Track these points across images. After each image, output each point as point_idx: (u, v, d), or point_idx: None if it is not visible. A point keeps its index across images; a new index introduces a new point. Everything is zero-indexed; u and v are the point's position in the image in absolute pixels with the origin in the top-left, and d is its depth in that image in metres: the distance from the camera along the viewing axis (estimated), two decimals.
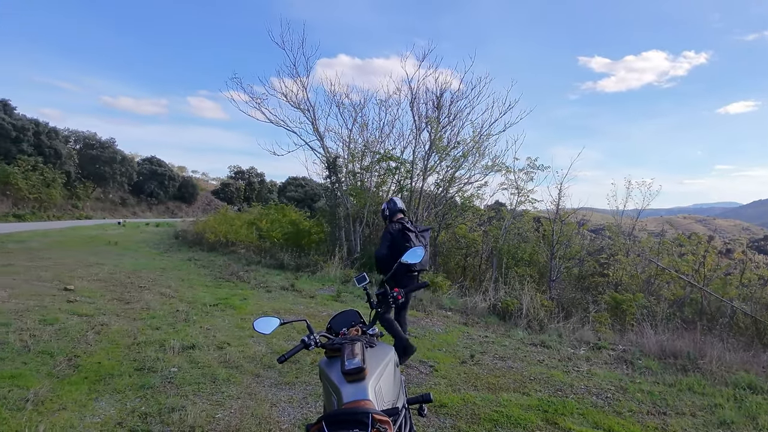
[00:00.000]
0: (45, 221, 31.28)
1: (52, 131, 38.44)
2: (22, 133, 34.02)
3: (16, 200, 32.23)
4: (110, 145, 48.06)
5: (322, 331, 2.30)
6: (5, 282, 7.86)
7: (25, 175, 32.32)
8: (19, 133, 33.77)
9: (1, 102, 34.57)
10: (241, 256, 14.96)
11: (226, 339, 5.51)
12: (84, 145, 46.68)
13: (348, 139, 16.41)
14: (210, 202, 70.17)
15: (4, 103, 34.81)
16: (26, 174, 32.47)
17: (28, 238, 16.61)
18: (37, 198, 33.92)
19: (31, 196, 33.03)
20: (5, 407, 3.36)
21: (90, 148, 46.36)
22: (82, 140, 47.19)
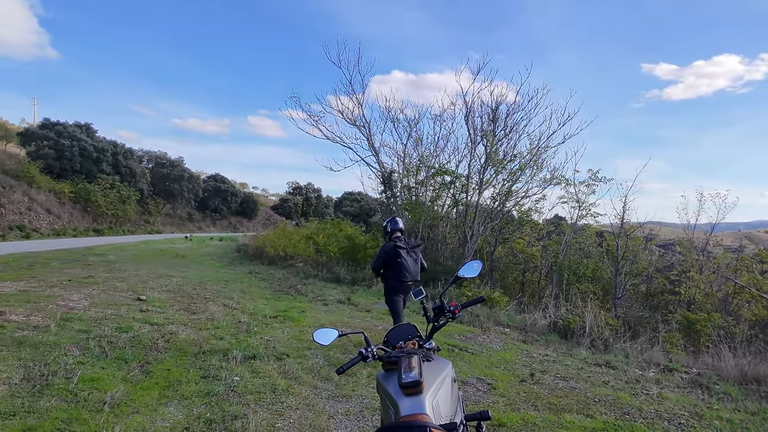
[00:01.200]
0: (121, 235, 33.55)
1: (128, 152, 41.36)
2: (102, 154, 36.82)
3: (96, 216, 34.80)
4: (179, 164, 51.01)
5: (379, 344, 2.32)
6: (87, 292, 8.48)
7: (104, 192, 34.88)
8: (99, 154, 36.57)
9: (84, 126, 37.68)
10: (299, 269, 15.32)
11: (285, 350, 5.65)
12: (156, 164, 49.86)
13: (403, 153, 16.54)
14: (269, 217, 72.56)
15: (87, 127, 37.90)
16: (105, 192, 35.03)
17: (107, 252, 17.84)
18: (114, 214, 36.46)
19: (109, 212, 35.55)
20: (85, 408, 3.61)
21: (161, 166, 49.43)
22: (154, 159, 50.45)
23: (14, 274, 10.15)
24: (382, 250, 5.75)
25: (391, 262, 5.66)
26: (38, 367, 4.36)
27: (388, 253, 5.68)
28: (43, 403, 3.61)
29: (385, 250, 5.73)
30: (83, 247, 19.37)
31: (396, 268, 5.69)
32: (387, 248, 5.71)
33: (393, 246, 5.68)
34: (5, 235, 22.46)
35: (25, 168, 29.47)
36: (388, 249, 5.69)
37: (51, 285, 8.94)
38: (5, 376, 4.08)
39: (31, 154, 32.62)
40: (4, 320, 5.92)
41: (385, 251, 5.70)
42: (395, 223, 5.94)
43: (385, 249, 5.72)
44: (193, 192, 53.06)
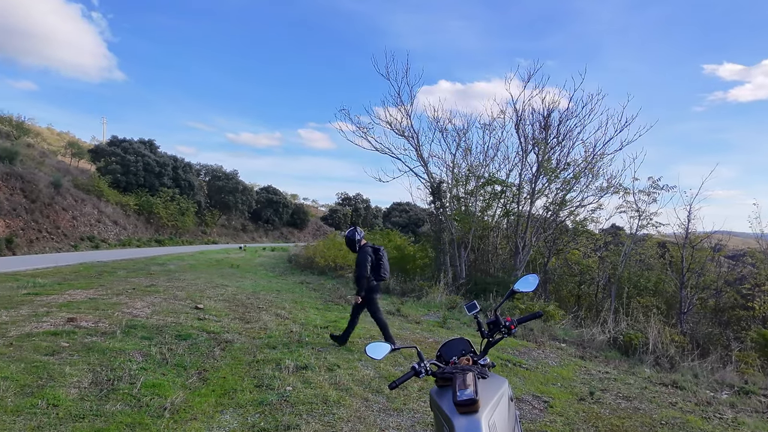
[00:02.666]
0: (180, 246, 35.11)
1: (187, 165, 43.41)
2: (163, 168, 38.82)
3: (158, 227, 36.64)
4: (234, 176, 52.95)
5: (432, 359, 2.27)
6: (149, 300, 8.89)
7: (165, 205, 36.73)
8: (161, 168, 38.58)
9: (148, 142, 39.94)
10: (348, 280, 15.44)
11: (336, 361, 5.68)
12: (212, 176, 51.99)
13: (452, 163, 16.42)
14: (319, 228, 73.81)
15: (150, 143, 40.16)
16: (166, 204, 36.88)
17: (167, 261, 18.70)
18: (174, 225, 38.27)
19: (169, 223, 37.37)
20: (147, 414, 3.75)
21: (217, 179, 51.48)
22: (210, 172, 52.64)
23: (85, 283, 10.80)
24: (365, 256, 6.10)
25: (373, 264, 6.15)
26: (105, 372, 4.59)
27: (371, 256, 6.12)
28: (109, 407, 3.79)
29: (367, 254, 6.12)
30: (146, 257, 20.40)
31: (378, 268, 6.21)
32: (368, 253, 6.13)
33: (371, 249, 6.19)
34: (77, 245, 24.01)
35: (96, 182, 31.54)
36: (370, 253, 6.14)
37: (117, 293, 9.45)
38: (76, 380, 4.31)
39: (100, 169, 34.91)
40: (75, 326, 6.29)
41: (368, 255, 6.11)
42: (361, 233, 6.40)
43: (367, 253, 6.13)
44: (247, 203, 54.85)
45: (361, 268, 6.07)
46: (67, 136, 50.20)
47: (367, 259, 6.09)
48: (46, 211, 23.65)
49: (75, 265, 14.85)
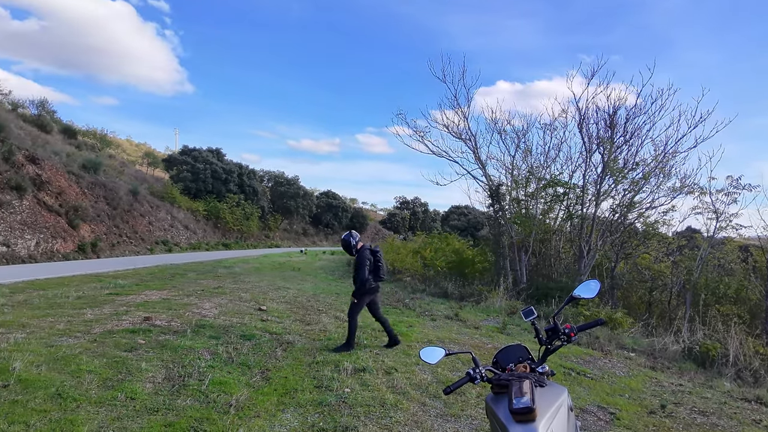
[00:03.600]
0: (245, 249, 36.61)
1: (251, 172, 45.24)
2: (229, 175, 40.69)
3: (225, 231, 38.42)
4: (295, 182, 54.57)
5: (488, 365, 2.24)
6: (217, 302, 9.34)
7: (231, 210, 38.46)
8: (227, 175, 40.46)
9: (215, 150, 42.02)
10: (406, 283, 15.47)
11: (394, 365, 5.71)
12: (275, 182, 53.85)
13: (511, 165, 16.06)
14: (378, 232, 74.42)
15: (218, 151, 42.22)
16: (232, 209, 38.61)
17: (233, 264, 19.56)
18: (240, 229, 39.98)
19: (235, 227, 39.08)
20: (214, 409, 3.95)
21: (279, 185, 53.26)
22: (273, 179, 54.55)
23: (159, 284, 11.52)
24: (363, 259, 6.14)
25: (372, 265, 6.22)
26: (177, 368, 4.88)
27: (369, 258, 6.18)
28: (180, 402, 4.02)
29: (365, 257, 6.16)
30: (214, 260, 21.44)
31: (377, 270, 6.29)
32: (366, 255, 6.18)
33: (369, 251, 6.26)
34: (153, 248, 25.64)
35: (169, 190, 33.58)
36: (368, 255, 6.19)
37: (188, 294, 10.00)
38: (151, 375, 4.61)
39: (173, 177, 37.13)
40: (150, 325, 6.73)
41: (367, 258, 6.16)
42: (357, 236, 6.46)
43: (366, 256, 6.17)
44: (308, 208, 56.33)
45: (361, 270, 6.13)
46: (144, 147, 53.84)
47: (365, 261, 6.14)
48: (125, 217, 25.44)
49: (151, 268, 15.87)
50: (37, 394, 3.87)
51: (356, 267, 6.24)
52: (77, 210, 20.84)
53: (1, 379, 4.13)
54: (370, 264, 6.17)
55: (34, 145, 22.34)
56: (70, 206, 20.62)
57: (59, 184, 21.19)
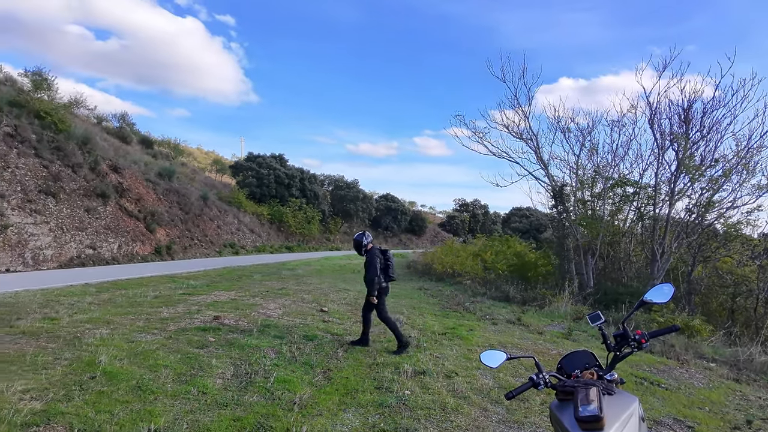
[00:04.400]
0: (307, 252, 37.58)
1: (312, 177, 46.42)
2: (291, 180, 41.97)
3: (288, 234, 39.65)
4: (354, 186, 55.38)
5: (552, 371, 2.17)
6: (281, 302, 9.66)
7: (293, 214, 39.64)
8: (290, 180, 41.75)
9: (278, 156, 43.53)
10: (466, 287, 15.27)
11: (454, 368, 5.65)
12: (335, 186, 54.91)
13: (575, 165, 15.47)
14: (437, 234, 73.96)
15: (280, 157, 43.70)
16: (294, 213, 39.78)
17: (296, 267, 20.14)
18: (302, 232, 41.09)
19: (297, 231, 40.22)
20: (279, 406, 4.08)
21: (339, 188, 54.25)
22: (333, 182, 55.66)
23: (227, 285, 12.07)
24: (373, 259, 6.22)
25: (382, 265, 6.30)
26: (244, 366, 5.09)
27: (379, 257, 6.27)
28: (248, 398, 4.19)
29: (375, 256, 6.26)
30: (278, 262, 22.18)
31: (386, 269, 6.38)
32: (376, 255, 6.28)
33: (379, 251, 6.38)
34: (221, 251, 26.91)
35: (235, 195, 35.14)
36: (378, 255, 6.30)
37: (254, 295, 10.41)
38: (220, 372, 4.84)
39: (239, 183, 38.81)
40: (220, 324, 7.07)
41: (377, 257, 6.25)
42: (369, 236, 6.53)
43: (376, 255, 6.27)
44: (367, 211, 56.96)
45: (372, 269, 6.19)
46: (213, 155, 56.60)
47: (376, 261, 6.20)
48: (196, 221, 26.89)
49: (219, 269, 16.66)
50: (120, 386, 4.17)
51: (368, 267, 6.30)
52: (154, 215, 22.28)
53: (90, 371, 4.49)
54: (381, 263, 6.26)
55: (116, 155, 24.12)
56: (147, 211, 22.08)
57: (138, 191, 22.75)
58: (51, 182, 17.10)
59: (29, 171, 16.48)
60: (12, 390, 3.88)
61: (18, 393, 3.84)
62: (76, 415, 3.51)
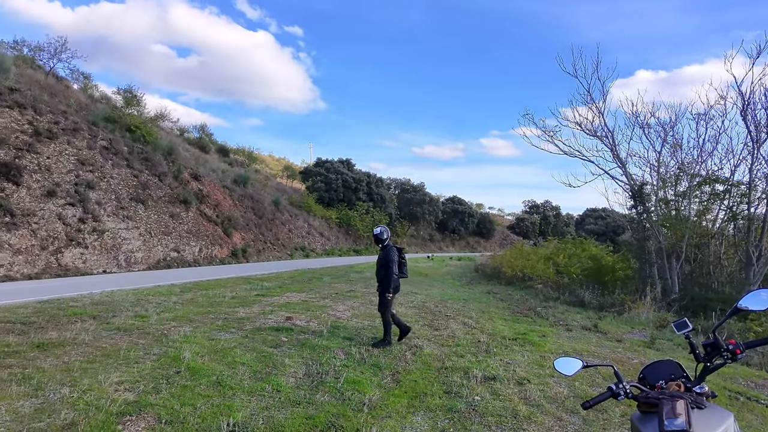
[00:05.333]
0: (374, 255, 37.95)
1: (378, 180, 46.96)
2: (359, 184, 42.70)
3: (355, 238, 40.35)
4: (421, 189, 55.35)
5: (633, 381, 2.04)
6: (350, 304, 9.84)
7: (360, 217, 40.30)
8: (357, 184, 42.50)
9: (345, 161, 44.45)
10: (538, 291, 14.76)
11: (526, 375, 5.47)
12: (401, 189, 55.19)
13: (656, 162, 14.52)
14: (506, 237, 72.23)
15: (348, 161, 44.61)
16: (361, 216, 40.43)
17: (364, 269, 20.43)
18: (369, 236, 41.62)
19: (364, 234, 40.81)
20: (349, 407, 4.15)
21: (405, 192, 54.45)
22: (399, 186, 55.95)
23: (298, 287, 12.47)
24: (391, 257, 6.29)
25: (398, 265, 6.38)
26: (315, 365, 5.23)
27: (394, 255, 6.34)
28: (319, 397, 4.30)
29: (393, 254, 6.34)
30: (346, 265, 22.62)
31: (401, 267, 6.48)
32: (393, 253, 6.35)
33: (395, 249, 6.44)
34: (292, 254, 27.89)
35: (305, 200, 36.30)
36: (394, 253, 6.37)
37: (324, 297, 10.68)
38: (293, 371, 5.01)
39: (308, 188, 40.05)
40: (292, 324, 7.32)
41: (393, 255, 6.32)
42: (388, 231, 6.62)
43: (393, 253, 6.34)
44: (433, 214, 56.71)
45: (389, 266, 6.24)
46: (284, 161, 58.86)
47: (393, 258, 6.28)
48: (269, 225, 28.04)
49: (291, 272, 17.26)
50: (202, 381, 4.43)
51: (383, 264, 6.35)
52: (230, 220, 23.50)
53: (175, 366, 4.80)
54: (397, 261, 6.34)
55: (197, 164, 25.73)
56: (224, 216, 23.34)
57: (216, 197, 24.11)
58: (140, 190, 18.53)
59: (122, 180, 17.96)
60: (108, 381, 4.23)
61: (114, 384, 4.19)
62: (163, 407, 3.77)
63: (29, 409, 3.57)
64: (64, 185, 15.16)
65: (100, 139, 18.29)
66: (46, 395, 3.85)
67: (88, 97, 24.10)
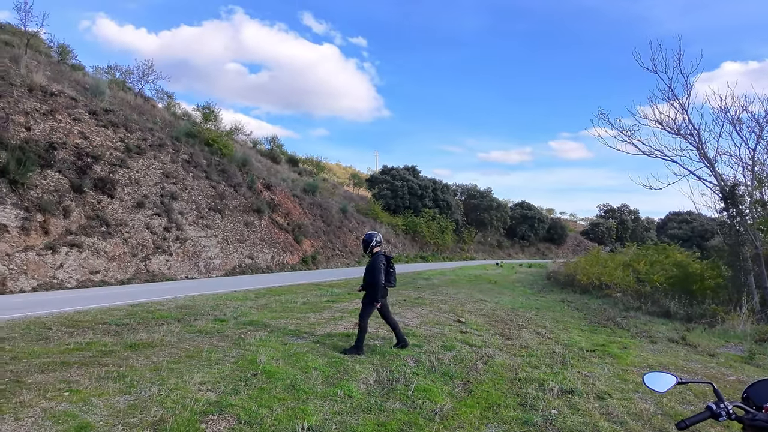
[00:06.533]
0: (441, 262, 37.72)
1: (444, 187, 46.64)
2: (424, 191, 42.63)
3: (422, 245, 40.25)
4: (488, 194, 54.32)
5: (736, 401, 1.85)
6: (418, 311, 9.80)
7: (427, 224, 40.17)
8: (422, 191, 42.45)
9: (411, 168, 44.58)
10: (616, 300, 13.96)
11: (607, 389, 5.16)
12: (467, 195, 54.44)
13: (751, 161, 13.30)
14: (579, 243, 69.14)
15: (413, 168, 44.71)
16: (428, 223, 40.30)
17: (431, 276, 20.32)
18: (435, 242, 41.43)
19: (431, 241, 40.66)
20: (420, 415, 4.10)
21: (472, 198, 53.65)
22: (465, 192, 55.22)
23: None
24: (378, 264, 6.16)
25: (384, 270, 6.20)
26: (385, 372, 5.24)
27: (383, 263, 6.21)
28: (390, 405, 4.29)
29: (380, 261, 6.19)
30: (413, 272, 22.59)
31: (388, 275, 6.29)
32: (381, 260, 6.20)
33: (384, 257, 6.30)
34: (360, 261, 28.27)
35: (372, 207, 36.77)
36: (383, 261, 6.23)
37: (391, 303, 10.69)
38: (363, 377, 5.04)
39: (374, 195, 40.54)
40: None
41: (381, 263, 6.18)
42: (378, 237, 6.44)
43: (381, 260, 6.20)
44: (501, 220, 55.40)
45: (377, 274, 6.09)
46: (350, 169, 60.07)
47: (380, 267, 6.13)
48: (337, 233, 28.65)
49: (359, 278, 17.47)
50: (277, 384, 4.56)
51: (371, 270, 6.21)
52: (300, 227, 24.26)
53: (252, 369, 4.99)
54: (384, 269, 6.19)
55: (268, 174, 26.84)
56: (295, 224, 24.13)
57: (287, 205, 24.99)
58: (218, 200, 19.61)
59: (201, 191, 19.09)
60: (192, 381, 4.47)
61: (197, 384, 4.42)
62: (242, 408, 3.92)
63: (123, 405, 3.85)
64: (151, 197, 16.35)
65: (182, 153, 19.58)
66: (138, 392, 4.13)
67: (171, 115, 25.97)
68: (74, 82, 19.28)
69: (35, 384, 4.21)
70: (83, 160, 14.74)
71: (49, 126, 14.51)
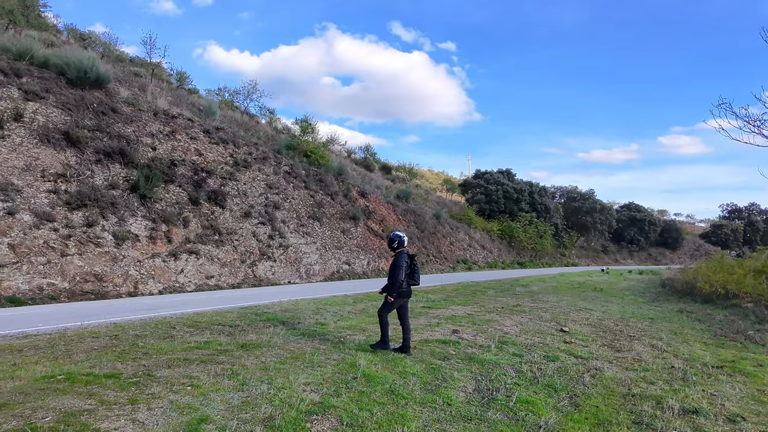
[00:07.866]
0: (539, 268, 36.15)
1: (541, 189, 44.73)
2: (520, 195, 41.18)
3: (519, 250, 38.89)
4: (590, 196, 51.18)
5: None
6: (517, 319, 9.45)
7: (523, 229, 38.74)
8: (518, 194, 41.04)
9: (505, 171, 43.35)
10: (747, 311, 12.39)
11: (740, 411, 4.59)
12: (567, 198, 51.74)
13: None
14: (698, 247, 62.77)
15: (508, 172, 43.43)
16: (524, 228, 38.85)
17: (529, 283, 19.53)
18: (533, 248, 39.81)
19: (528, 246, 39.14)
20: (523, 428, 3.93)
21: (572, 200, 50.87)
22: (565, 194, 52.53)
23: (463, 300, 12.41)
24: (401, 262, 6.18)
25: (408, 269, 6.26)
26: (485, 381, 5.11)
27: (406, 262, 6.24)
28: (491, 415, 4.17)
29: (404, 260, 6.22)
30: (510, 278, 21.87)
31: (412, 274, 6.32)
32: (404, 258, 6.24)
33: (407, 255, 6.32)
34: (455, 267, 27.98)
35: (465, 212, 36.26)
36: (406, 259, 6.26)
37: (489, 311, 10.44)
38: (462, 385, 4.96)
39: (468, 200, 39.97)
40: (458, 337, 7.29)
41: (405, 261, 6.22)
42: (402, 237, 6.46)
43: (404, 259, 6.23)
44: (606, 223, 51.85)
45: (398, 271, 6.15)
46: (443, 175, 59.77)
47: (402, 265, 6.18)
48: (431, 238, 28.61)
49: (454, 284, 17.29)
50: (376, 388, 4.64)
51: (392, 269, 6.28)
52: None
53: (352, 372, 5.12)
54: (406, 267, 6.22)
55: (363, 182, 27.56)
56: (389, 231, 24.49)
57: (381, 212, 25.47)
58: (316, 209, 20.52)
59: (301, 201, 20.11)
60: (298, 381, 4.69)
61: (302, 384, 4.63)
62: (344, 410, 4.04)
63: (237, 401, 4.13)
64: (256, 207, 17.54)
65: (283, 165, 20.79)
66: (250, 390, 4.41)
67: (273, 129, 27.75)
68: (190, 104, 21.30)
69: (163, 378, 4.68)
70: (199, 175, 16.22)
71: (171, 145, 16.16)
